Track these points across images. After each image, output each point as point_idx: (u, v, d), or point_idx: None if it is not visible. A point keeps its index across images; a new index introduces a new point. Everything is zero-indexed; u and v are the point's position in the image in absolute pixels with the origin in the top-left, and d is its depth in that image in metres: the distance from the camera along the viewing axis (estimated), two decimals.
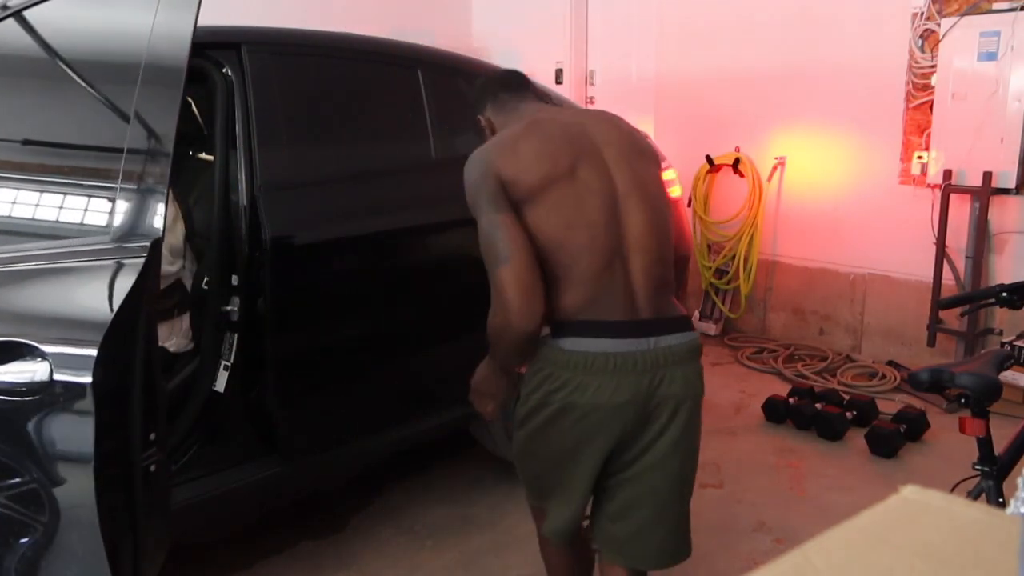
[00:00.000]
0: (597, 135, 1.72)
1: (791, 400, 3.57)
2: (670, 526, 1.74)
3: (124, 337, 1.52)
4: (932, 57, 3.85)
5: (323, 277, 2.36)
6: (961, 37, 3.64)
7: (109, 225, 1.63)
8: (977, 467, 1.98)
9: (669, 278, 1.75)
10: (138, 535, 1.61)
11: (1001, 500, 1.94)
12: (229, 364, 2.24)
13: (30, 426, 1.52)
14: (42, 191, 1.83)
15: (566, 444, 1.68)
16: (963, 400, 1.95)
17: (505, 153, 1.67)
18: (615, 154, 1.70)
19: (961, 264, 3.86)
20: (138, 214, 1.62)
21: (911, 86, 3.97)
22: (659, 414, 1.66)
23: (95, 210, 1.71)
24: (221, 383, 2.24)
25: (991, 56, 3.55)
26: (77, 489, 1.51)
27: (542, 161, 1.64)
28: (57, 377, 1.49)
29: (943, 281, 3.87)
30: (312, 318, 2.34)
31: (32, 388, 1.50)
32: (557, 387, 1.64)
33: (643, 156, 1.77)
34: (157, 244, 1.58)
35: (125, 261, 1.57)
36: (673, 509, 1.74)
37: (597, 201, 1.65)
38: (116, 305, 1.51)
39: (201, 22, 1.72)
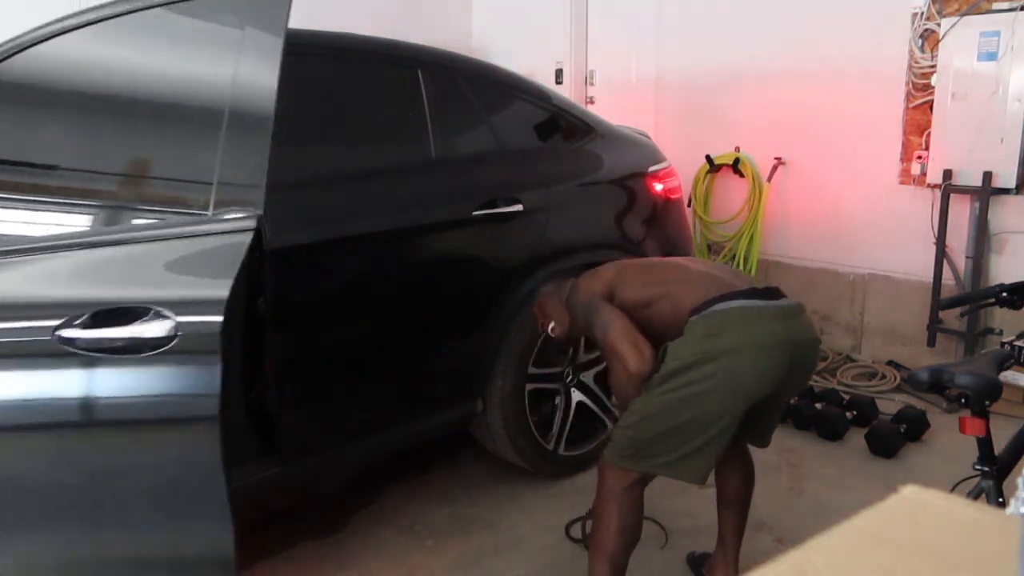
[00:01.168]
0: None
1: (791, 400, 3.57)
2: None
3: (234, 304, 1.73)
4: (932, 57, 3.85)
5: (323, 277, 2.36)
6: (961, 37, 3.64)
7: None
8: (977, 467, 1.98)
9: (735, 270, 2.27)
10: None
11: (1001, 500, 1.94)
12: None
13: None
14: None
15: (737, 383, 1.88)
16: (963, 400, 1.95)
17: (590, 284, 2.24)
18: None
19: (961, 264, 3.86)
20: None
21: (911, 86, 3.97)
22: (802, 355, 1.97)
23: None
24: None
25: (991, 56, 3.55)
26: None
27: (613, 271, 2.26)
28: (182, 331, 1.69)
29: (943, 281, 3.87)
30: (312, 318, 2.34)
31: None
32: (712, 341, 1.88)
33: None
34: (261, 219, 1.79)
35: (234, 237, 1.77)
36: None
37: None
38: (233, 275, 1.69)
39: None
